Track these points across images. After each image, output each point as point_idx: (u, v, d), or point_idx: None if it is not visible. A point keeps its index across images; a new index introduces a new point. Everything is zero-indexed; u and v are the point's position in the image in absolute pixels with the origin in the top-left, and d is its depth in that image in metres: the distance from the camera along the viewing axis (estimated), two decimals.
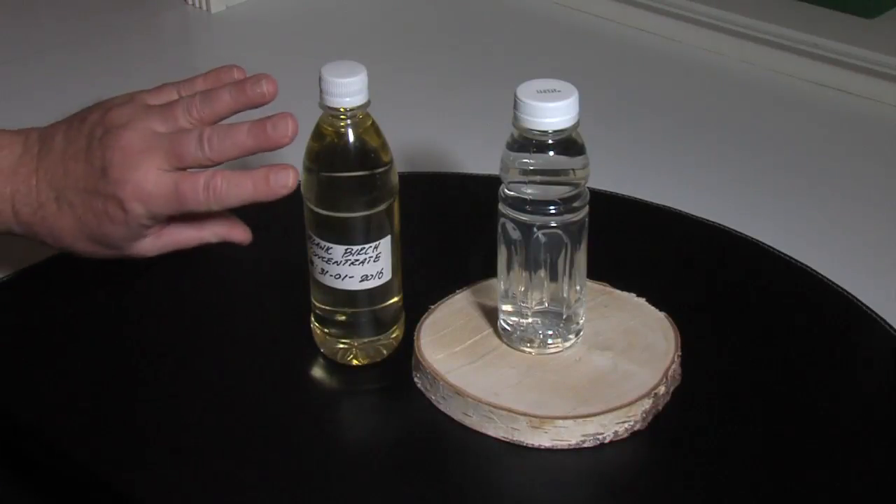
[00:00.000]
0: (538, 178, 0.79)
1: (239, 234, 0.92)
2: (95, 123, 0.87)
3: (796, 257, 0.94)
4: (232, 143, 0.85)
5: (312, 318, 0.86)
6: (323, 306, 0.84)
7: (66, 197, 0.86)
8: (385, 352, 0.85)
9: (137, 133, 0.85)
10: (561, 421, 0.78)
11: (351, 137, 0.80)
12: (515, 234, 0.80)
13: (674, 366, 0.82)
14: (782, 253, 0.95)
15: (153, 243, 0.89)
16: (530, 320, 0.83)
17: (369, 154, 0.81)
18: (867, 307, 0.89)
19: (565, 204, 0.79)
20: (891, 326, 0.87)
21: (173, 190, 0.85)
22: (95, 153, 0.85)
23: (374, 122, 0.81)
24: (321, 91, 0.80)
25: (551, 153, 0.78)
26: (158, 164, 0.84)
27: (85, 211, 0.86)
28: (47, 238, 0.88)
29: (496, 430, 0.79)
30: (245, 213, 0.93)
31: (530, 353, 0.83)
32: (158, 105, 0.88)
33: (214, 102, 0.87)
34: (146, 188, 0.84)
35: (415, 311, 0.86)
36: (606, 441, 0.78)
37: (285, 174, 0.83)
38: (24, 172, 0.87)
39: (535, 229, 0.80)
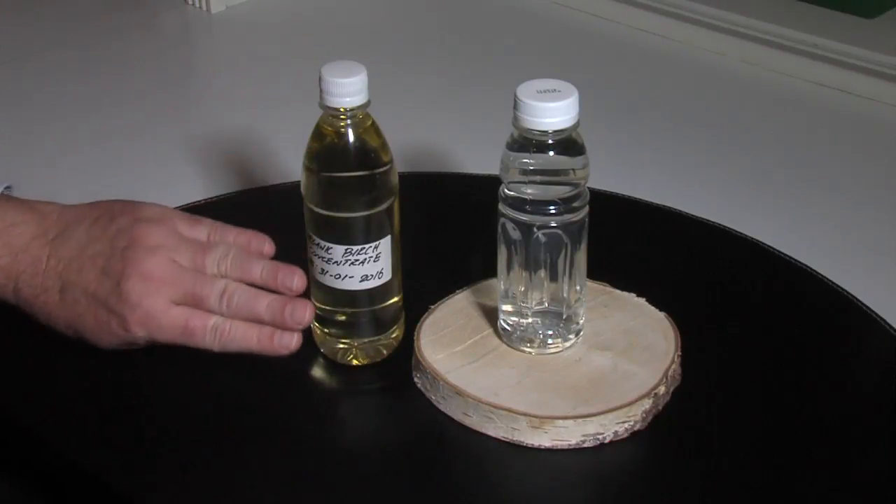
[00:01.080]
0: (538, 178, 0.79)
1: None
2: (121, 231, 0.85)
3: (796, 257, 0.94)
4: (249, 311, 0.84)
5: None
6: (323, 306, 0.84)
7: (73, 293, 0.84)
8: (385, 352, 0.85)
9: (161, 261, 0.84)
10: (561, 421, 0.78)
11: (351, 137, 0.80)
12: (515, 234, 0.80)
13: (674, 366, 0.82)
14: (782, 253, 0.95)
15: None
16: (530, 320, 0.83)
17: (369, 154, 0.81)
18: (867, 307, 0.89)
19: (565, 204, 0.79)
20: (891, 326, 0.87)
21: (182, 325, 0.84)
22: (114, 265, 0.84)
23: (374, 122, 0.81)
24: (321, 91, 0.80)
25: (551, 153, 0.78)
26: (173, 298, 0.84)
27: (87, 313, 0.84)
28: (40, 317, 0.86)
29: (496, 430, 0.79)
30: (246, 212, 0.93)
31: (530, 353, 0.83)
32: (190, 240, 0.86)
33: (244, 273, 0.85)
34: (155, 317, 0.83)
35: (415, 311, 0.86)
36: (606, 441, 0.78)
37: (289, 337, 0.83)
38: (35, 254, 0.85)
39: (535, 229, 0.80)
